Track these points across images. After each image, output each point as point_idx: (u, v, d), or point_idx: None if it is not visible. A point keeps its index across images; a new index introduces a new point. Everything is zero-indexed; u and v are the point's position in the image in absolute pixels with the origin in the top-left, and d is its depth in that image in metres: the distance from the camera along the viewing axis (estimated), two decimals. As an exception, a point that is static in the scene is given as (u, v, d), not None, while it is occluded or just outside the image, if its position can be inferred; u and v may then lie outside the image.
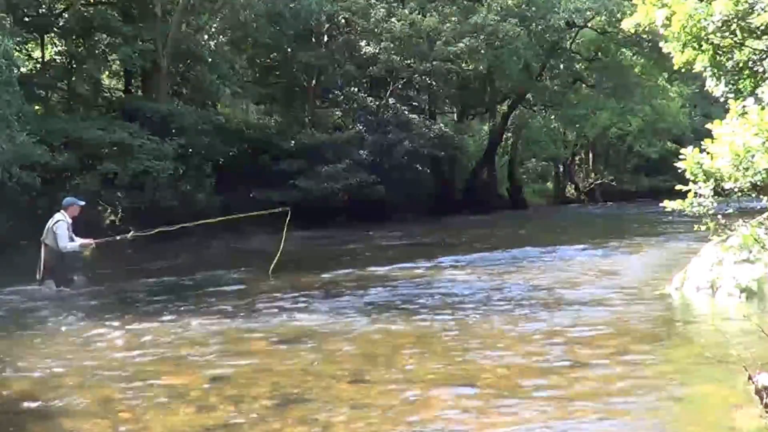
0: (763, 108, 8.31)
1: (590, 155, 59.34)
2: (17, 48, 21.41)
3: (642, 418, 5.60)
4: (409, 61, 32.52)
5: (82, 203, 13.82)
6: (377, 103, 33.03)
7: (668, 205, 9.16)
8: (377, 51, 31.98)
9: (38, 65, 26.45)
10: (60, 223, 13.15)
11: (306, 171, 29.62)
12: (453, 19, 33.39)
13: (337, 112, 32.62)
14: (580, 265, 15.28)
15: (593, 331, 8.76)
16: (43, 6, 25.56)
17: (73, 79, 26.95)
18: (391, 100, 33.15)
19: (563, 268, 14.99)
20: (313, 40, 33.57)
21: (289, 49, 32.72)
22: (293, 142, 30.76)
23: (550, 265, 15.41)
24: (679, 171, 8.95)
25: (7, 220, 19.22)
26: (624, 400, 6.03)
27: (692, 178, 8.87)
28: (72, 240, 13.28)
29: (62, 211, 13.37)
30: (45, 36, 26.25)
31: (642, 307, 10.30)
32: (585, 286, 12.40)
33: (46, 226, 13.28)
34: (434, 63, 32.05)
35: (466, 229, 27.82)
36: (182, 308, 11.02)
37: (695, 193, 8.90)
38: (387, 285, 13.01)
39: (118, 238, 14.20)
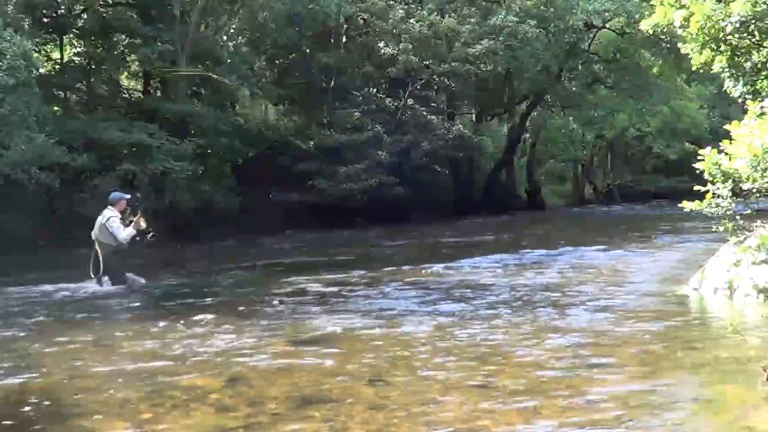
0: (781, 109, 8.28)
1: (609, 156, 59.10)
2: (36, 49, 21.60)
3: (658, 418, 5.60)
4: (427, 62, 32.57)
5: (128, 197, 13.93)
6: (396, 104, 33.07)
7: (686, 205, 9.11)
8: (396, 52, 32.01)
9: (57, 66, 26.66)
10: (112, 218, 13.17)
11: (324, 172, 29.72)
12: (472, 20, 33.40)
13: (356, 113, 32.62)
14: (597, 265, 15.26)
15: (610, 330, 8.78)
16: (62, 7, 25.74)
17: (92, 80, 27.17)
18: (409, 101, 33.17)
19: (580, 267, 14.96)
20: (332, 41, 33.67)
21: (307, 50, 32.85)
22: (312, 142, 30.88)
23: (567, 265, 15.38)
24: (698, 172, 8.89)
25: (26, 221, 19.39)
26: (641, 400, 6.02)
27: (710, 178, 8.82)
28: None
29: (110, 207, 13.42)
30: (64, 37, 26.47)
31: (659, 307, 10.29)
32: (602, 286, 12.39)
33: (97, 223, 13.33)
34: (453, 64, 32.04)
35: (484, 229, 27.79)
36: (200, 309, 11.05)
37: (713, 193, 8.85)
38: (404, 286, 13.01)
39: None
